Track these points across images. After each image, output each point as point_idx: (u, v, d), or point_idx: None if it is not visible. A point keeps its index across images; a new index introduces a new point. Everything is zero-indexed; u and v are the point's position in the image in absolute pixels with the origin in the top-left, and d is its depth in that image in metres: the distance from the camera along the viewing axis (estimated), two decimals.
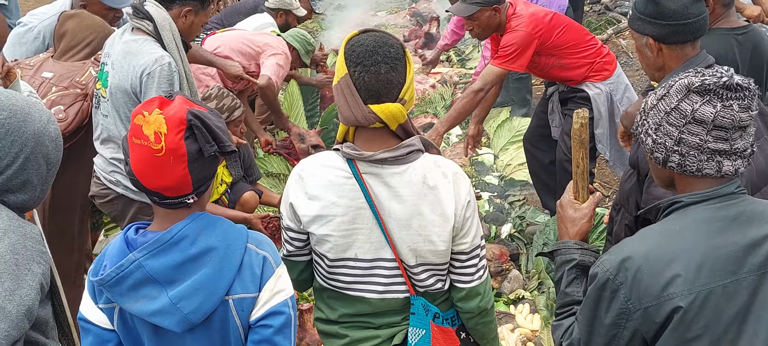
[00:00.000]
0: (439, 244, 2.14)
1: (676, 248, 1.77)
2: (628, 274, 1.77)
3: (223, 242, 1.85)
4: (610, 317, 1.81)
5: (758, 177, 2.73)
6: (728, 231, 1.77)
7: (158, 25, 3.28)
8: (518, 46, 4.20)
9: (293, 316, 1.92)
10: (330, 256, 2.18)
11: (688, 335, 1.75)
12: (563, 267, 2.09)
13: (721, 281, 1.74)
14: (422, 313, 2.24)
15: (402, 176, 2.11)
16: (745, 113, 1.76)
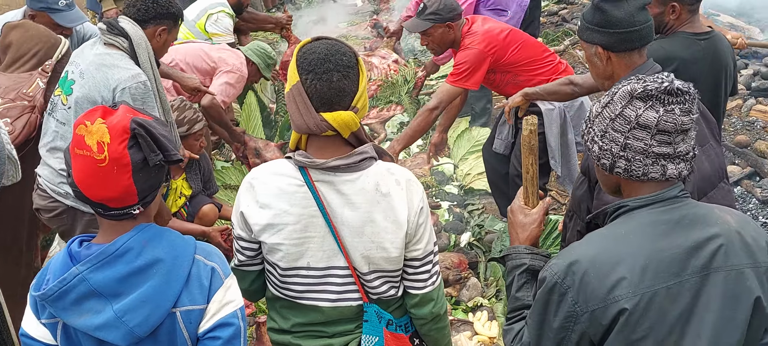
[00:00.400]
0: (392, 251, 2.14)
1: (622, 252, 1.79)
2: (575, 277, 1.79)
3: (170, 254, 1.83)
4: (558, 321, 1.83)
5: (704, 182, 2.79)
6: (672, 234, 1.81)
7: (135, 43, 3.31)
8: (471, 65, 4.22)
9: (243, 327, 1.90)
10: (282, 265, 2.16)
11: (634, 336, 1.77)
12: (514, 272, 2.10)
13: (665, 283, 1.77)
14: (375, 320, 2.24)
15: (354, 183, 2.11)
16: (687, 117, 1.80)
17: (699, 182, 2.73)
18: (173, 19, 3.52)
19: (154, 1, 3.41)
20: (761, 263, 1.85)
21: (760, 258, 1.86)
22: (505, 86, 4.42)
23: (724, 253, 1.81)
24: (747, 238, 1.86)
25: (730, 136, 5.73)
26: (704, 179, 2.78)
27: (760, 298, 1.82)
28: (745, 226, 1.89)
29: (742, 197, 5.07)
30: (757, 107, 5.92)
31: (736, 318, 1.81)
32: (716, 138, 2.88)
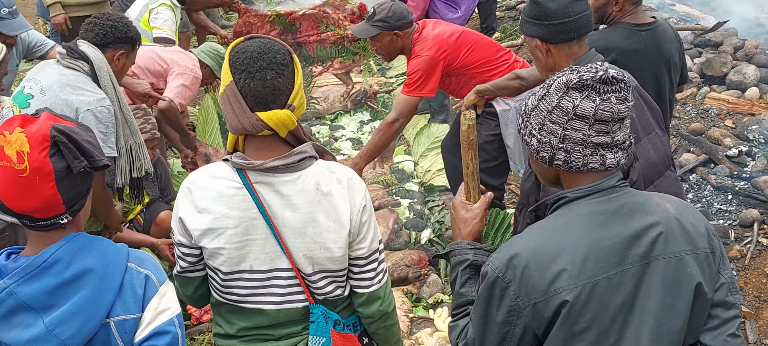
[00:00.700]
0: (336, 250, 2.12)
1: (562, 243, 1.79)
2: (516, 271, 1.78)
3: (101, 263, 1.78)
4: (501, 315, 1.82)
5: (650, 170, 2.81)
6: (611, 223, 1.80)
7: (96, 66, 3.34)
8: (424, 72, 4.19)
9: (180, 335, 1.86)
10: (224, 269, 2.13)
11: (576, 328, 1.77)
12: (457, 268, 2.09)
13: (606, 273, 1.77)
14: (322, 321, 2.21)
15: (294, 183, 2.08)
16: (623, 105, 1.80)
17: (645, 170, 2.75)
18: (131, 44, 3.55)
19: (111, 26, 3.44)
20: (701, 249, 1.86)
21: (700, 244, 1.86)
22: (461, 89, 4.41)
23: (663, 240, 1.81)
24: (686, 224, 1.87)
25: (684, 124, 5.80)
26: (651, 167, 2.79)
27: (701, 284, 1.83)
28: (684, 213, 1.90)
29: (697, 184, 5.13)
30: (711, 95, 6.00)
31: (678, 305, 1.81)
32: (661, 126, 2.90)
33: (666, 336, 1.82)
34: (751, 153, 5.22)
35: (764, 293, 4.21)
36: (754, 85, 5.97)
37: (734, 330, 1.90)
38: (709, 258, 1.87)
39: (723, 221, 4.76)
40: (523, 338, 1.82)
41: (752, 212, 4.66)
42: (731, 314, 1.90)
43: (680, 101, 6.11)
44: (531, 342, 1.84)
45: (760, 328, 4.03)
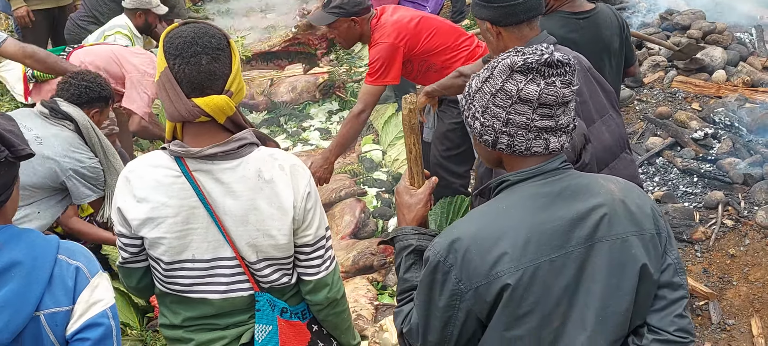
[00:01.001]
0: (280, 238, 2.08)
1: (503, 226, 1.77)
2: (457, 255, 1.76)
3: (29, 255, 1.74)
4: (443, 300, 1.80)
5: (605, 152, 2.79)
6: (553, 206, 1.78)
7: (81, 125, 3.54)
8: (384, 60, 4.13)
9: (114, 326, 1.82)
10: (165, 259, 2.09)
11: (519, 311, 1.75)
12: (401, 253, 2.06)
13: (548, 256, 1.75)
14: (268, 309, 2.19)
15: (234, 170, 2.04)
16: (567, 89, 1.77)
17: (599, 152, 2.73)
18: (104, 102, 3.79)
19: (86, 87, 3.68)
20: (646, 230, 1.84)
21: (646, 225, 1.84)
22: (424, 75, 4.36)
23: (607, 222, 1.79)
24: (631, 206, 1.85)
25: (652, 108, 5.80)
26: (605, 149, 2.77)
27: (647, 265, 1.81)
28: (629, 194, 1.88)
29: (663, 167, 5.14)
30: (679, 78, 6.00)
31: (623, 286, 1.80)
32: (616, 108, 2.88)
33: (611, 318, 1.80)
34: (717, 136, 5.24)
35: (727, 274, 4.23)
36: (721, 68, 5.98)
37: (681, 311, 1.89)
38: (655, 239, 1.85)
39: (688, 203, 4.77)
40: (467, 322, 1.80)
41: (717, 194, 4.67)
42: (678, 294, 1.89)
43: (647, 85, 6.11)
44: (474, 326, 1.82)
45: (724, 308, 4.04)
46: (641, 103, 5.91)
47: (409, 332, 1.92)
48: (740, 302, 4.05)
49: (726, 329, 3.92)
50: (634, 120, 5.76)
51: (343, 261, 4.53)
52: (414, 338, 1.91)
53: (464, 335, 1.83)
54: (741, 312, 4.00)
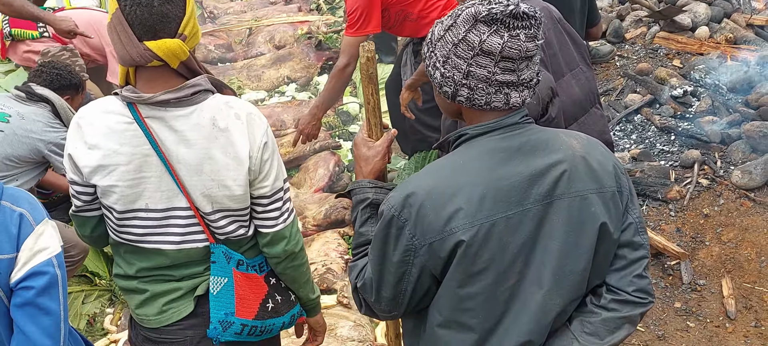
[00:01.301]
0: (235, 189, 2.03)
1: (460, 181, 1.71)
2: (411, 210, 1.71)
3: None
4: (397, 255, 1.75)
5: (575, 106, 2.74)
6: (512, 162, 1.72)
7: (58, 106, 3.77)
8: (362, 9, 4.01)
9: (60, 275, 1.80)
10: (118, 208, 2.03)
11: (474, 268, 1.71)
12: (357, 207, 2.01)
13: (505, 213, 1.70)
14: (223, 261, 2.14)
15: (188, 118, 1.98)
16: (532, 43, 1.70)
17: (568, 106, 2.67)
18: (75, 89, 3.97)
19: (58, 74, 3.89)
20: (607, 187, 1.79)
21: (607, 183, 1.79)
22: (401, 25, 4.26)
23: (567, 179, 1.74)
24: (593, 163, 1.79)
25: (632, 64, 5.74)
26: (574, 103, 2.72)
27: (606, 223, 1.77)
28: (591, 151, 1.82)
29: (641, 125, 5.10)
30: (661, 34, 5.93)
31: (582, 245, 1.76)
32: (587, 62, 2.81)
33: (568, 277, 1.76)
34: (696, 93, 5.19)
35: (700, 234, 4.21)
36: (704, 24, 5.91)
37: (641, 271, 1.85)
38: (616, 197, 1.81)
39: (665, 161, 4.74)
40: (421, 278, 1.77)
41: (693, 153, 4.64)
42: (638, 254, 1.85)
43: (629, 41, 6.04)
44: (429, 283, 1.78)
45: (695, 268, 4.04)
46: (622, 59, 5.85)
47: (364, 287, 1.88)
48: (712, 263, 4.05)
49: (696, 289, 3.92)
50: (614, 76, 5.70)
51: (315, 214, 4.48)
52: (368, 293, 1.87)
53: (418, 291, 1.79)
54: (712, 272, 4.00)
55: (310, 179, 4.91)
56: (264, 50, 6.79)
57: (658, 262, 4.11)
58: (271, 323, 2.26)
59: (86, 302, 4.05)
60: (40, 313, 1.75)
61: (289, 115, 5.65)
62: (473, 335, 1.76)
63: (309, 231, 4.43)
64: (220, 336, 2.16)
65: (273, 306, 2.26)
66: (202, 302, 2.16)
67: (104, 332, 3.91)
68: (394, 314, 1.86)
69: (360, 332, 3.55)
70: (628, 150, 4.88)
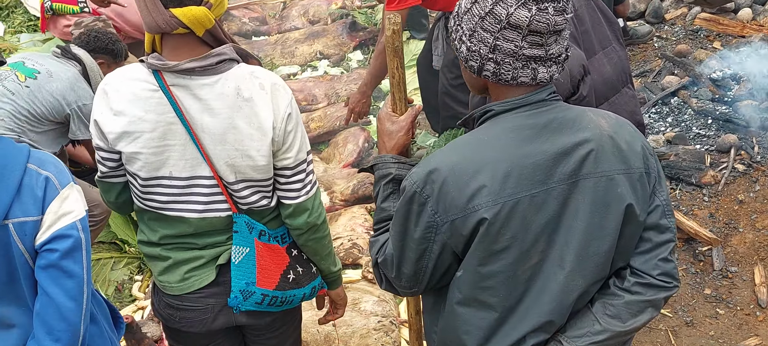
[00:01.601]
0: (259, 159, 2.04)
1: (484, 158, 1.69)
2: (434, 186, 1.69)
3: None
4: (419, 232, 1.74)
5: (606, 86, 2.68)
6: (538, 139, 1.69)
7: (88, 66, 3.82)
8: None
9: (84, 239, 1.81)
10: (142, 175, 2.06)
11: (495, 246, 1.69)
12: (380, 182, 1.99)
13: (529, 191, 1.67)
14: (245, 231, 2.15)
15: (213, 87, 1.99)
16: (560, 16, 1.66)
17: (599, 85, 2.63)
18: (112, 55, 4.02)
19: (95, 36, 3.99)
20: (634, 168, 1.75)
21: (634, 163, 1.76)
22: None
23: (594, 159, 1.71)
24: (620, 142, 1.75)
25: (671, 45, 5.61)
26: (605, 82, 2.67)
27: (632, 205, 1.74)
28: (619, 130, 1.78)
29: (677, 107, 4.99)
30: (702, 15, 5.78)
31: (606, 226, 1.73)
32: (620, 40, 2.75)
33: (592, 258, 1.74)
34: (736, 77, 5.05)
35: (734, 220, 4.12)
36: (747, 6, 5.74)
37: (667, 255, 1.82)
38: (644, 179, 1.77)
39: (700, 145, 4.63)
40: (442, 255, 1.75)
41: (730, 137, 4.53)
42: (665, 237, 1.81)
43: (669, 21, 5.90)
44: (450, 260, 1.77)
45: (727, 255, 3.95)
46: (661, 40, 5.72)
47: (384, 263, 1.87)
48: (745, 250, 3.96)
49: (728, 276, 3.84)
50: (652, 57, 5.58)
51: (342, 190, 4.48)
52: (388, 268, 1.86)
53: (439, 268, 1.78)
54: (745, 260, 3.91)
55: (339, 154, 4.91)
56: (298, 24, 6.78)
57: (689, 247, 4.03)
58: (291, 294, 2.27)
59: (115, 269, 4.11)
60: (64, 275, 1.77)
61: (320, 89, 5.65)
62: (493, 313, 1.75)
63: (336, 206, 4.44)
64: (241, 305, 2.18)
65: (294, 277, 2.27)
66: (223, 271, 2.18)
67: (132, 298, 3.97)
68: (414, 290, 1.85)
69: (384, 307, 3.56)
70: (663, 133, 4.78)
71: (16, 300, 1.83)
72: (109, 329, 2.08)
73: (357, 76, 5.76)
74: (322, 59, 6.33)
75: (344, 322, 3.42)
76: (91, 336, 1.94)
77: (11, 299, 1.82)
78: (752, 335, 3.51)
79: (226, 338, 2.36)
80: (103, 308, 2.09)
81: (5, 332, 1.83)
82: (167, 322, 2.29)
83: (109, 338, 2.04)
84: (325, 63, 6.27)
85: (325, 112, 5.32)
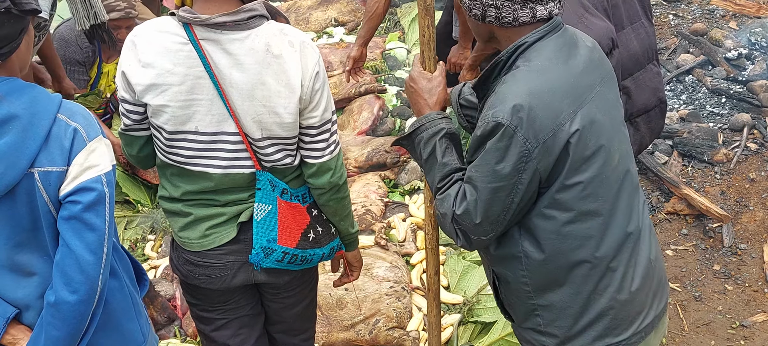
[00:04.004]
0: (286, 116, 2.04)
1: (550, 79, 1.82)
2: (522, 115, 1.77)
3: (28, 110, 1.71)
4: (509, 166, 1.79)
5: (631, 61, 2.70)
6: (572, 56, 1.86)
7: None
8: None
9: (108, 193, 1.79)
10: (167, 128, 2.06)
11: (586, 153, 1.82)
12: (433, 140, 1.98)
13: (589, 97, 1.84)
14: (269, 188, 2.16)
15: (243, 42, 1.98)
16: None
17: (626, 60, 2.64)
18: None
19: None
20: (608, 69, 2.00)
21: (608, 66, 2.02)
22: None
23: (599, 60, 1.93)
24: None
25: (687, 24, 5.60)
26: (632, 57, 2.68)
27: None
28: None
29: (692, 85, 5.00)
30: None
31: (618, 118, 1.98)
32: (649, 16, 2.76)
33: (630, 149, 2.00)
34: (751, 57, 5.06)
35: (745, 198, 4.15)
36: None
37: None
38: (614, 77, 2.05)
39: (713, 124, 4.65)
40: (530, 185, 1.82)
41: (744, 116, 4.55)
42: None
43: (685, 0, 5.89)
44: (533, 190, 1.84)
45: (737, 232, 3.99)
46: (677, 19, 5.71)
47: (465, 213, 1.87)
48: (755, 227, 3.99)
49: (737, 252, 3.88)
50: (668, 35, 5.57)
51: (356, 156, 4.51)
52: (470, 217, 1.86)
53: (524, 199, 1.83)
54: (755, 237, 3.95)
55: (353, 121, 4.93)
56: None
57: (699, 223, 4.07)
58: (311, 253, 2.28)
59: (128, 228, 4.15)
60: (85, 228, 1.75)
61: (336, 57, 5.65)
62: (599, 218, 1.86)
63: (350, 172, 4.46)
64: (262, 262, 2.20)
65: (314, 237, 2.28)
66: (244, 229, 2.19)
67: (145, 257, 4.00)
68: (491, 236, 1.89)
69: (396, 273, 3.60)
70: (677, 110, 4.80)
71: (39, 249, 1.82)
72: (131, 284, 2.06)
73: (373, 44, 5.75)
74: (337, 26, 6.32)
75: (357, 286, 3.47)
76: (111, 290, 1.92)
77: (34, 248, 1.81)
78: (759, 312, 3.55)
79: (243, 296, 2.38)
80: (125, 262, 2.07)
81: (26, 279, 1.84)
82: (186, 278, 2.30)
83: (129, 294, 2.03)
84: (341, 30, 6.27)
85: (341, 79, 5.32)
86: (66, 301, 1.75)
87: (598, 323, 1.92)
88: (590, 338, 1.94)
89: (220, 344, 2.43)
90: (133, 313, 2.03)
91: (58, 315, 1.76)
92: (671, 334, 3.47)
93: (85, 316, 1.79)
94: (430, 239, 2.42)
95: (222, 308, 2.37)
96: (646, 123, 2.79)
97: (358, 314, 3.36)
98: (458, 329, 3.33)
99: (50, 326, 1.78)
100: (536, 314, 1.97)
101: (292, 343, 2.57)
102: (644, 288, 1.96)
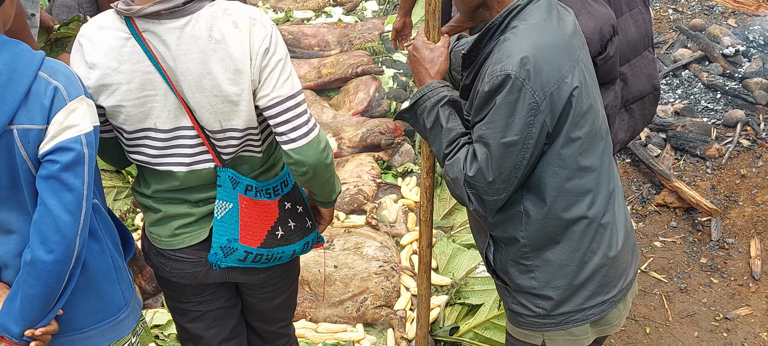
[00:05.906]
0: (241, 103, 1.89)
1: (549, 36, 1.85)
2: (529, 67, 1.80)
3: (8, 67, 1.68)
4: (520, 118, 1.81)
5: (629, 47, 2.71)
6: (562, 19, 1.92)
7: None
8: None
9: (87, 154, 1.75)
10: (127, 128, 1.95)
11: (582, 108, 1.86)
12: (436, 107, 1.98)
13: (578, 57, 1.88)
14: (229, 185, 2.04)
15: (182, 30, 1.83)
16: None
17: (624, 46, 2.65)
18: None
19: None
20: None
21: None
22: None
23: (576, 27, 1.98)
24: None
25: (686, 19, 5.61)
26: (629, 43, 2.69)
27: None
28: None
29: (688, 80, 5.01)
30: None
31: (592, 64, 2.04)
32: (646, 3, 2.77)
33: None
34: (748, 54, 5.07)
35: (735, 194, 4.18)
36: None
37: None
38: None
39: (707, 119, 4.67)
40: (539, 138, 1.84)
41: (738, 113, 4.57)
42: None
43: None
44: (541, 144, 1.86)
45: (725, 227, 4.02)
46: (676, 13, 5.72)
47: (478, 174, 1.87)
48: (743, 223, 4.02)
49: (724, 246, 3.91)
50: (666, 29, 5.58)
51: (351, 136, 4.52)
52: (483, 177, 1.86)
53: (534, 153, 1.85)
54: (742, 232, 3.98)
55: (349, 101, 4.94)
56: None
57: (688, 216, 4.10)
58: (279, 251, 2.16)
59: (117, 199, 4.14)
60: (63, 188, 1.72)
61: (334, 36, 5.65)
62: (594, 173, 1.92)
63: (344, 152, 4.48)
64: (221, 262, 2.08)
65: (283, 234, 2.15)
66: None
67: (135, 228, 4.01)
68: (503, 196, 1.89)
69: (386, 253, 3.62)
70: (672, 104, 4.81)
71: (18, 207, 1.79)
72: (114, 248, 2.00)
73: (371, 25, 5.76)
74: (335, 6, 6.31)
75: (346, 264, 3.49)
76: (91, 252, 1.88)
77: (13, 206, 1.78)
78: (743, 305, 3.59)
79: (218, 289, 2.27)
80: (109, 226, 2.00)
81: (5, 236, 1.81)
82: (157, 270, 2.22)
83: (110, 257, 1.97)
84: (339, 10, 6.26)
85: (338, 59, 5.34)
86: (42, 260, 1.73)
87: (591, 281, 1.97)
88: (583, 297, 1.98)
89: (194, 335, 2.35)
90: (114, 276, 1.98)
91: (34, 274, 1.74)
92: (655, 324, 3.50)
93: (62, 276, 1.77)
94: (424, 211, 2.43)
95: (195, 299, 2.28)
96: (641, 110, 2.80)
97: (346, 291, 3.38)
98: (445, 310, 3.36)
99: (27, 284, 1.76)
100: (532, 276, 1.98)
101: (269, 330, 2.49)
102: (626, 245, 2.03)
